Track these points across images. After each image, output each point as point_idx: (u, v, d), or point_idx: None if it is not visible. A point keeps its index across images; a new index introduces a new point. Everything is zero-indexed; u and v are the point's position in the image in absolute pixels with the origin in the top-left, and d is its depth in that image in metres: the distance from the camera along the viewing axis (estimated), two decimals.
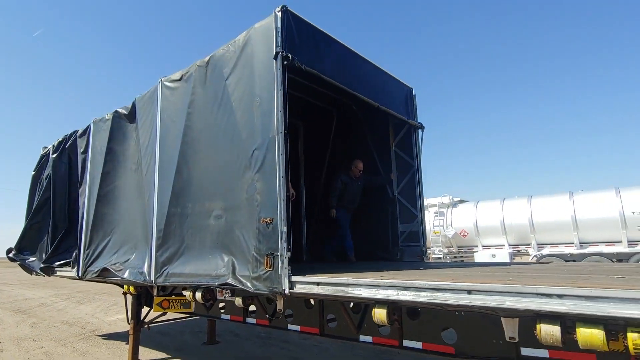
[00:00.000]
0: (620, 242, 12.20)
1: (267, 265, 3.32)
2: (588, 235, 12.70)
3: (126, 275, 4.82)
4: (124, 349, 6.25)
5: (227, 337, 7.01)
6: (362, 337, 3.44)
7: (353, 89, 4.55)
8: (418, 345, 3.12)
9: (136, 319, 5.67)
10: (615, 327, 1.92)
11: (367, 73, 4.99)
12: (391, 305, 2.73)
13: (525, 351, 2.61)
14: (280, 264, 3.22)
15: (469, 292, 2.25)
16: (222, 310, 4.77)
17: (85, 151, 6.16)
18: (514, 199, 14.68)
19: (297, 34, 3.77)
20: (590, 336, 1.91)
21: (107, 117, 5.77)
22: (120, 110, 5.56)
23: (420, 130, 5.90)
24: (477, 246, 15.16)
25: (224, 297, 4.06)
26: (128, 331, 5.79)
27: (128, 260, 4.96)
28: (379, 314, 2.71)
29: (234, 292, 3.87)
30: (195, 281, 3.98)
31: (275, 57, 3.49)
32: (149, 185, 4.79)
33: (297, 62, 3.62)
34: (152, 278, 4.46)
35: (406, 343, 3.19)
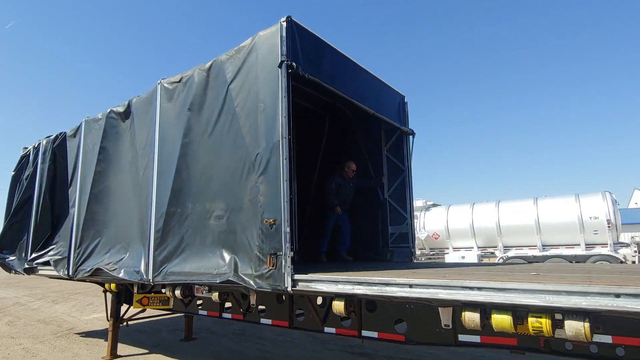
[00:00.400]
0: (579, 244, 13.04)
1: (270, 264, 3.43)
2: (550, 238, 13.50)
3: (122, 274, 4.85)
4: (102, 345, 6.45)
5: (204, 334, 7.29)
6: (327, 329, 3.82)
7: (350, 97, 4.73)
8: (374, 334, 3.52)
9: (115, 316, 5.91)
10: (521, 313, 2.37)
11: (364, 81, 5.17)
12: (348, 298, 3.13)
13: (462, 337, 3.05)
14: (283, 263, 3.34)
15: (410, 286, 2.67)
16: (200, 307, 5.09)
17: (77, 150, 6.15)
18: (483, 204, 15.41)
19: (300, 43, 3.89)
20: (501, 321, 2.35)
21: (99, 117, 5.81)
22: (115, 109, 5.59)
23: (411, 137, 6.15)
24: (447, 248, 15.83)
25: (202, 294, 4.37)
26: (105, 329, 6.02)
27: (122, 259, 5.02)
28: (338, 306, 3.11)
29: (211, 288, 4.19)
30: (195, 279, 4.05)
31: (280, 66, 3.61)
32: (147, 185, 4.82)
33: (301, 70, 3.77)
34: (150, 277, 4.48)
35: (364, 333, 3.58)
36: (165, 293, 4.77)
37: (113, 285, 5.57)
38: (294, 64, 3.65)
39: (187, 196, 4.35)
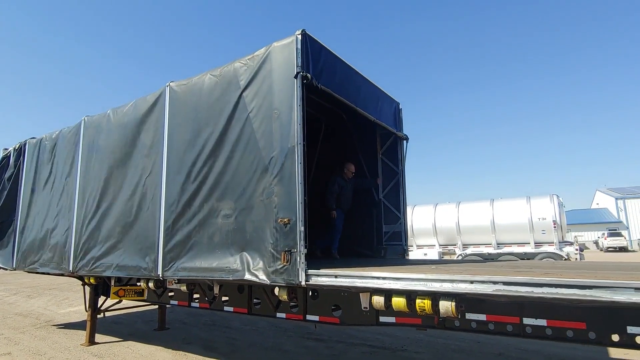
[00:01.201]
0: (529, 243, 14.19)
1: (284, 260, 3.62)
2: (503, 237, 14.61)
3: (121, 272, 5.16)
4: (80, 334, 6.96)
5: (176, 325, 7.89)
6: (279, 314, 4.52)
7: (355, 105, 5.02)
8: (316, 318, 4.24)
9: (93, 307, 6.47)
10: (413, 296, 3.14)
11: (365, 89, 5.43)
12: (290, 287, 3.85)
13: (382, 319, 3.81)
14: (297, 259, 3.56)
15: (336, 276, 3.41)
16: (171, 298, 5.69)
17: (75, 148, 6.28)
18: (445, 204, 16.44)
19: (312, 54, 4.10)
20: (397, 302, 3.12)
21: (100, 115, 6.01)
22: (116, 109, 5.75)
23: (405, 141, 6.44)
24: (412, 246, 16.78)
25: (172, 285, 5.02)
26: (82, 321, 6.57)
27: (125, 255, 5.25)
28: (282, 294, 3.82)
29: (180, 280, 4.81)
30: (208, 275, 4.27)
31: (296, 77, 3.83)
32: (154, 184, 5.01)
33: (315, 81, 4.01)
34: (159, 272, 4.69)
35: (308, 317, 4.31)
36: (139, 285, 5.38)
37: (92, 279, 6.12)
38: (308, 75, 3.88)
39: (195, 195, 4.54)
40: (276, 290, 4.31)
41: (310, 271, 3.59)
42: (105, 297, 6.55)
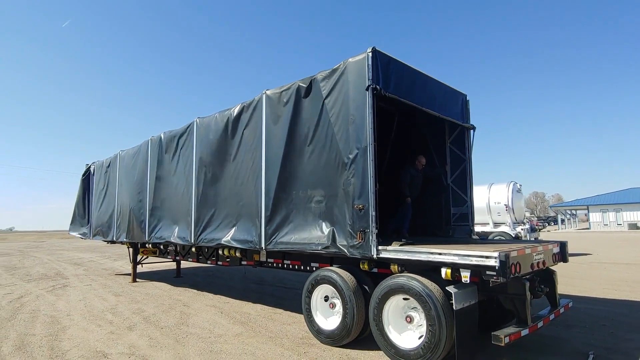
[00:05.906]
0: (488, 223, 16.64)
1: (359, 238, 4.24)
2: None
3: (234, 243, 6.23)
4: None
5: (189, 275, 12.31)
6: (219, 263, 8.53)
7: (421, 105, 5.36)
8: (220, 263, 8.10)
9: (135, 259, 11.13)
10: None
11: (431, 88, 5.72)
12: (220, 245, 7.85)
13: (243, 262, 7.50)
14: (370, 238, 4.18)
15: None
16: (168, 255, 9.96)
17: (190, 143, 7.43)
18: None
19: (381, 67, 4.50)
20: (227, 252, 6.96)
21: (208, 117, 7.10)
22: (225, 112, 6.66)
23: (472, 131, 6.74)
24: None
25: (161, 247, 9.34)
26: (140, 273, 11.08)
27: (231, 231, 6.25)
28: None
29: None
30: (301, 248, 5.05)
31: (367, 89, 4.34)
32: (256, 174, 5.80)
33: (383, 91, 4.45)
34: (263, 245, 5.56)
35: (218, 263, 8.16)
36: (148, 247, 9.81)
37: (128, 243, 10.70)
38: (378, 87, 4.37)
39: (291, 185, 5.30)
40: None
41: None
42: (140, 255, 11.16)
